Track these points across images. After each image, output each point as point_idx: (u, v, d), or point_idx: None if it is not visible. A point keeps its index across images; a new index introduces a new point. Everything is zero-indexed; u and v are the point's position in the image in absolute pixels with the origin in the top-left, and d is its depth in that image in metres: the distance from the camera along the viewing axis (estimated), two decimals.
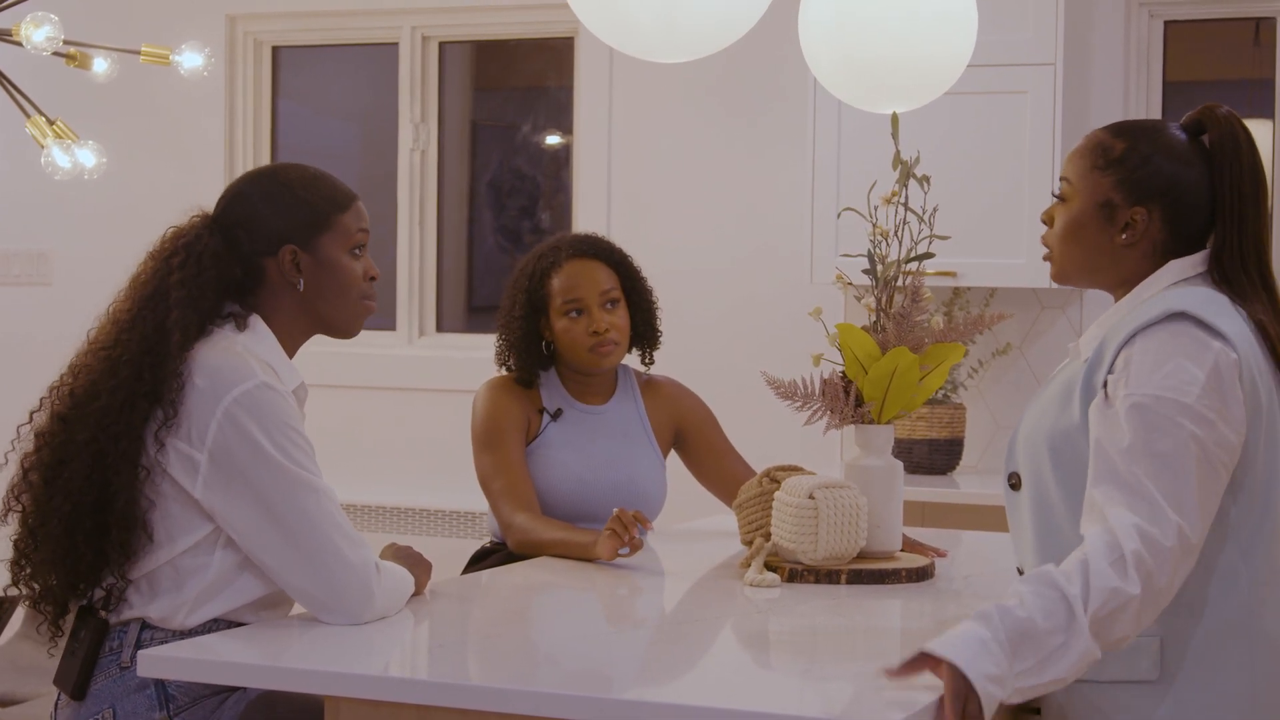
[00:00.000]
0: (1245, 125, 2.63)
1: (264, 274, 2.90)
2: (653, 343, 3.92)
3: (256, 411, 2.74)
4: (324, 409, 6.08)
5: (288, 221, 2.90)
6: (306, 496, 2.75)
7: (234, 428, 2.73)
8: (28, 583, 2.86)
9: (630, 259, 3.88)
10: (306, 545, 2.74)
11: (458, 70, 6.59)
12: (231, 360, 2.78)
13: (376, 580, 2.79)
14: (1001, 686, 2.30)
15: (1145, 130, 2.67)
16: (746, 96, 5.85)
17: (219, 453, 2.73)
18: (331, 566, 2.75)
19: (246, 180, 2.98)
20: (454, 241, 6.54)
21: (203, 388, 2.75)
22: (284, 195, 2.92)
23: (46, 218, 6.62)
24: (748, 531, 3.49)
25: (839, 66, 3.68)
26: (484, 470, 3.74)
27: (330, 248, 2.93)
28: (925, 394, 3.43)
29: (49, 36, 4.79)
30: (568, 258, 3.80)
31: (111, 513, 2.75)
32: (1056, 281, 2.71)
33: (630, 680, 2.60)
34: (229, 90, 6.52)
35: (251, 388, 2.75)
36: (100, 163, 5.08)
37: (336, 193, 2.96)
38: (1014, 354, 5.55)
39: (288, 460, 2.74)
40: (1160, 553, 2.37)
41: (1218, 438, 2.44)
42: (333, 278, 2.93)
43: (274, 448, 2.74)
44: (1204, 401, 2.43)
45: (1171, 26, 5.55)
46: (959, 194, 4.94)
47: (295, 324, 2.94)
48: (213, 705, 2.80)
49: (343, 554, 2.75)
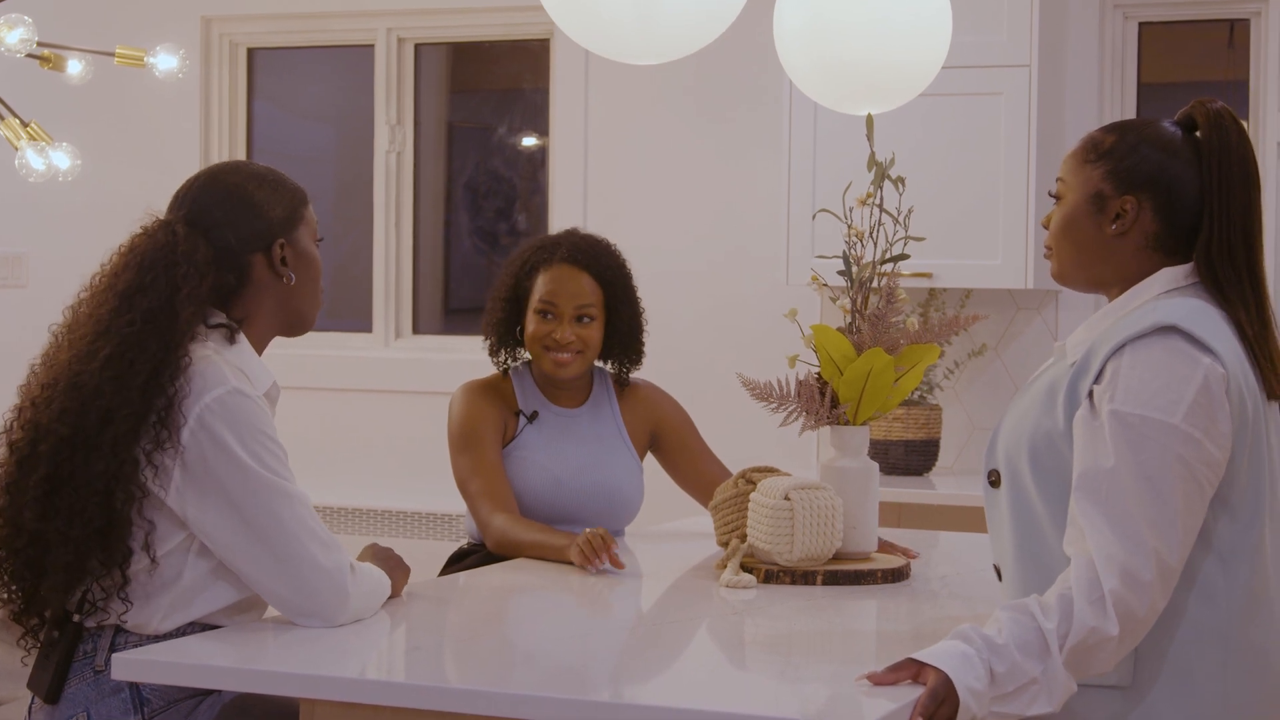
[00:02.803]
0: (1239, 120, 2.62)
1: (250, 273, 2.89)
2: (631, 361, 3.91)
3: (229, 418, 2.73)
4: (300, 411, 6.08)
5: (273, 215, 2.90)
6: (280, 502, 2.74)
7: (206, 434, 2.72)
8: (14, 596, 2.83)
9: (622, 274, 3.85)
10: (280, 550, 2.74)
11: (433, 72, 6.59)
12: (202, 366, 2.76)
13: (351, 583, 2.78)
14: (979, 701, 2.34)
15: (1135, 124, 2.68)
16: (722, 98, 5.86)
17: (192, 459, 2.72)
18: (305, 572, 2.74)
19: (216, 178, 2.94)
20: (430, 243, 6.54)
21: (197, 403, 2.73)
22: (263, 189, 2.91)
23: (21, 220, 6.61)
24: (723, 533, 3.49)
25: (814, 68, 3.68)
26: (461, 472, 3.74)
27: (304, 239, 2.94)
28: (901, 395, 3.44)
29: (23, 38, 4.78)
30: (560, 260, 3.81)
31: (114, 535, 2.71)
32: (1057, 281, 2.71)
33: (606, 681, 2.60)
34: (204, 92, 6.51)
35: (223, 394, 2.73)
36: (75, 165, 5.07)
37: (295, 186, 2.97)
38: (990, 355, 5.56)
39: (260, 466, 2.74)
40: (1139, 588, 2.39)
41: (1203, 456, 2.44)
42: (309, 268, 2.95)
43: (247, 454, 2.73)
44: (1191, 420, 2.43)
45: (1146, 28, 5.57)
46: (934, 195, 4.95)
47: (271, 322, 2.92)
48: (187, 709, 2.79)
49: (316, 559, 2.75)
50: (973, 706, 2.33)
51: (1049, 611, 2.40)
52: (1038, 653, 2.38)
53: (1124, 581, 2.39)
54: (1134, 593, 2.39)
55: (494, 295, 3.88)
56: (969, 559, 3.59)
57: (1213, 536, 2.50)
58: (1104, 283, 2.66)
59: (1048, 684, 2.38)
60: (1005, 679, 2.36)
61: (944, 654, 2.37)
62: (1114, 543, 2.40)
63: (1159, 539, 2.40)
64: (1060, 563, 2.51)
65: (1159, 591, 2.42)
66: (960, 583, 3.37)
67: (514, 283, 3.84)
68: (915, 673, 2.38)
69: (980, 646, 2.37)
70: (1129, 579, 2.39)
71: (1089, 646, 2.39)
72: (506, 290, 3.85)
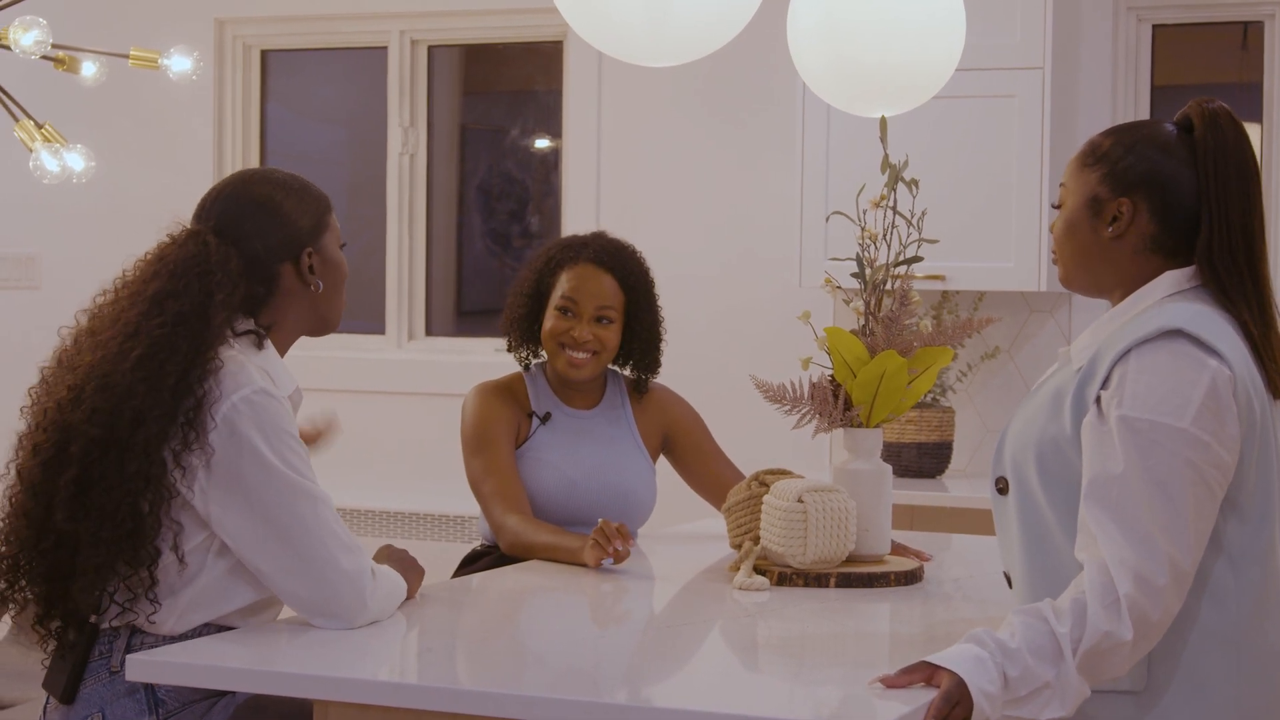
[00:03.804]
0: (1236, 119, 2.60)
1: (278, 282, 2.90)
2: (647, 369, 3.91)
3: (256, 417, 2.73)
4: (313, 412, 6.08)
5: (301, 225, 2.91)
6: (304, 503, 2.75)
7: (233, 433, 2.72)
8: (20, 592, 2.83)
9: (644, 282, 3.86)
10: (303, 552, 2.74)
11: (447, 74, 6.59)
12: (232, 367, 2.76)
13: (371, 587, 2.79)
14: (992, 705, 2.34)
15: (1133, 126, 2.68)
16: (735, 100, 5.86)
17: (218, 459, 2.72)
18: (327, 574, 2.75)
19: (242, 187, 2.93)
20: (443, 245, 6.54)
21: (227, 407, 2.73)
22: (290, 199, 2.92)
23: (35, 221, 6.62)
24: (736, 535, 3.49)
25: (827, 70, 3.68)
26: (474, 473, 3.74)
27: (330, 245, 2.96)
28: (914, 397, 3.44)
29: (37, 40, 4.79)
30: (585, 260, 3.81)
31: (135, 521, 2.71)
32: (1064, 285, 2.71)
33: (619, 684, 2.60)
34: (218, 94, 6.52)
35: (250, 394, 2.74)
36: (89, 166, 5.08)
37: (319, 194, 2.98)
38: (1002, 357, 5.55)
39: (286, 467, 2.74)
40: (1153, 593, 2.39)
41: (1213, 459, 2.43)
42: (336, 273, 2.97)
43: (273, 454, 2.73)
44: (1199, 424, 2.42)
45: (1159, 30, 5.56)
46: (947, 198, 4.95)
47: (297, 327, 2.94)
48: (202, 710, 2.79)
49: (338, 562, 2.76)
50: (986, 710, 2.33)
51: (1062, 616, 2.39)
52: (1051, 657, 2.38)
53: (1138, 586, 2.39)
54: (1148, 597, 2.39)
55: (516, 290, 3.87)
56: (982, 562, 3.59)
57: (1223, 539, 2.50)
58: (1106, 286, 2.65)
59: (1061, 688, 2.38)
60: (1018, 683, 2.36)
61: (957, 657, 2.37)
62: (1126, 548, 2.40)
63: (1171, 543, 2.40)
64: (1070, 568, 2.51)
65: (1173, 596, 2.41)
66: (973, 585, 3.37)
67: (537, 279, 3.85)
68: (928, 676, 2.38)
69: (994, 650, 2.37)
70: (1143, 583, 2.39)
71: (1103, 651, 2.39)
72: (529, 286, 3.85)
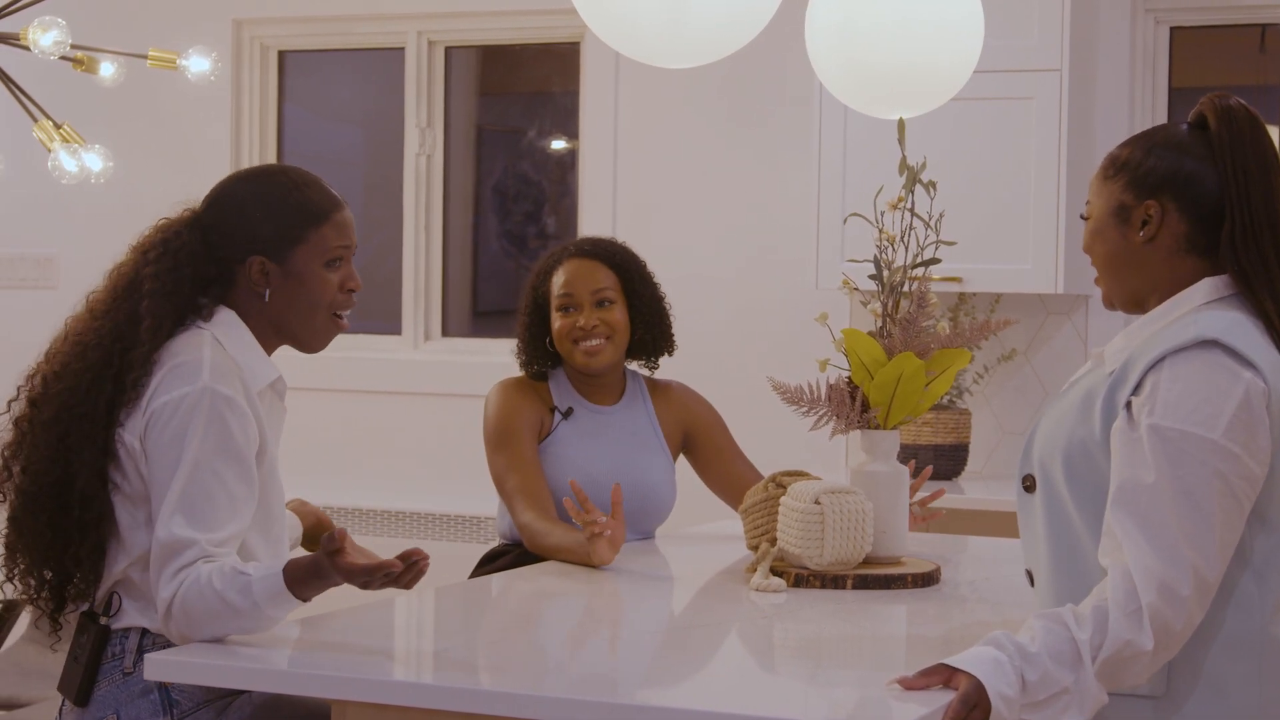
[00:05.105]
0: (1252, 111, 2.59)
1: (234, 278, 2.90)
2: (657, 348, 3.92)
3: (197, 412, 2.73)
4: (328, 413, 6.09)
5: (261, 232, 2.87)
6: (220, 461, 2.71)
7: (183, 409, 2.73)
8: (22, 578, 2.85)
9: (635, 262, 3.90)
10: (186, 490, 2.69)
11: (463, 75, 6.59)
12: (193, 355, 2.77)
13: (193, 567, 2.66)
14: (1010, 708, 2.33)
15: (1148, 132, 2.67)
16: (752, 102, 5.85)
17: (161, 410, 2.73)
18: (171, 520, 2.68)
19: (235, 181, 2.97)
20: (459, 246, 6.55)
21: (161, 376, 2.76)
22: (263, 204, 2.89)
23: (53, 222, 6.63)
24: (753, 536, 3.49)
25: (845, 72, 3.68)
26: (497, 469, 3.75)
27: (304, 260, 2.89)
28: (931, 399, 3.43)
29: (56, 40, 4.79)
30: (569, 257, 3.87)
31: (73, 493, 2.75)
32: (1105, 306, 2.69)
33: (636, 685, 2.60)
34: (235, 95, 6.53)
35: (193, 391, 2.74)
36: (107, 167, 5.09)
37: (319, 203, 2.91)
38: (1020, 360, 5.54)
39: (218, 438, 2.72)
40: (1176, 603, 2.38)
41: (1242, 471, 2.42)
42: (301, 290, 2.89)
43: (210, 430, 2.73)
44: (1230, 435, 2.41)
45: (1177, 32, 5.55)
46: (965, 200, 4.94)
47: (263, 330, 2.91)
48: (217, 710, 2.79)
49: (186, 523, 2.68)
50: (1004, 713, 2.32)
51: (1083, 622, 2.39)
52: (1070, 662, 2.37)
53: (1161, 596, 2.38)
54: (1171, 607, 2.38)
55: (519, 311, 3.93)
56: (998, 564, 3.58)
57: (1248, 550, 2.49)
58: (1142, 295, 2.62)
59: (1079, 694, 2.37)
60: (1037, 687, 2.35)
61: (976, 659, 2.36)
62: (1151, 556, 2.39)
63: (1197, 554, 2.39)
64: (1093, 569, 2.50)
65: (1196, 606, 2.40)
66: (990, 588, 3.36)
67: (534, 293, 3.89)
68: (947, 678, 2.37)
69: (1013, 653, 2.36)
70: (1166, 593, 2.38)
71: (1123, 659, 2.38)
72: (529, 303, 3.90)
